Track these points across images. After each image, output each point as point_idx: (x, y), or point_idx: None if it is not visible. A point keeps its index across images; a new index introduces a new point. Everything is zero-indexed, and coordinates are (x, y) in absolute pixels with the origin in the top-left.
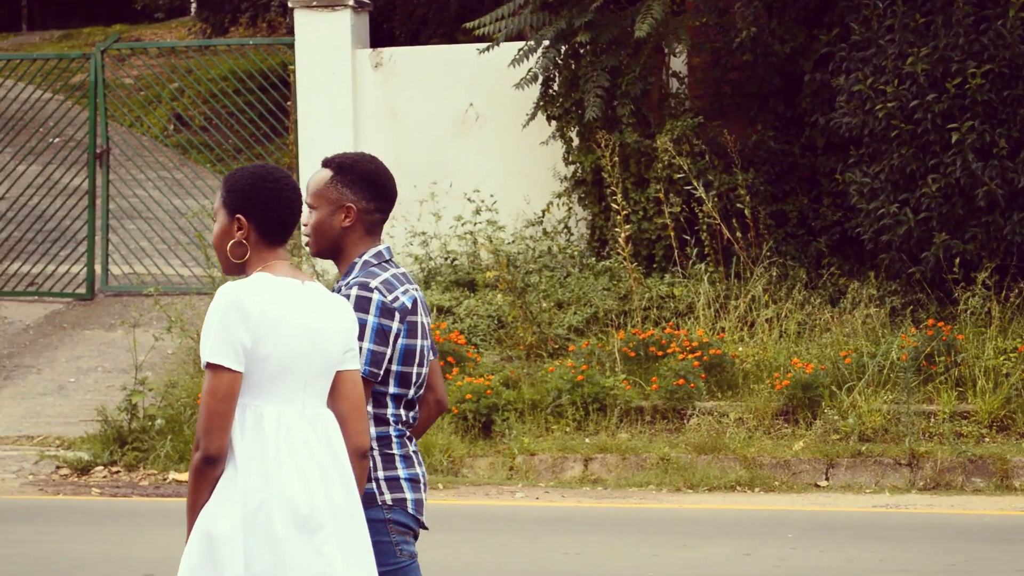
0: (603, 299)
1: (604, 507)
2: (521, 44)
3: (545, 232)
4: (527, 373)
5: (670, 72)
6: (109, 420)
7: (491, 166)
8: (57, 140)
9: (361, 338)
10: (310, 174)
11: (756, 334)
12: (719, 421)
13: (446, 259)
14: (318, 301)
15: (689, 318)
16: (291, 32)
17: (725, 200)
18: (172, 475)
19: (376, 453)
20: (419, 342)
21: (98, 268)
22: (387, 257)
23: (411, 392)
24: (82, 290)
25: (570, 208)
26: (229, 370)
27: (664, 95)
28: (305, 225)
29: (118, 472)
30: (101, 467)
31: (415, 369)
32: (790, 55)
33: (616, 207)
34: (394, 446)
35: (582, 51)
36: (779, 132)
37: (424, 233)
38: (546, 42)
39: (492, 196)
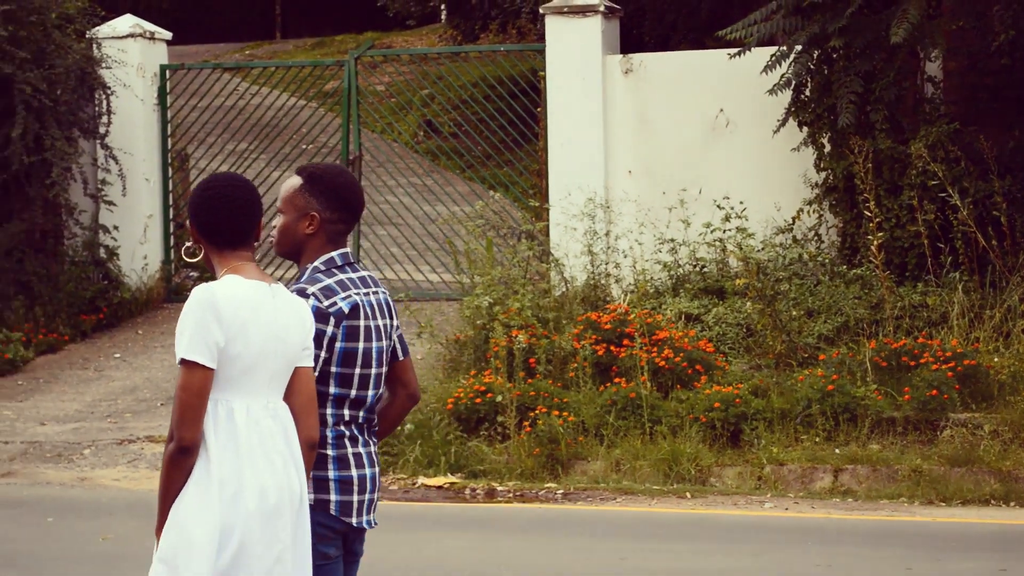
0: (854, 308)
1: (854, 519)
2: (772, 49)
3: (795, 239)
4: (776, 382)
5: (925, 77)
6: None
7: (741, 172)
8: (310, 147)
9: None
10: (558, 178)
11: (1012, 345)
12: (973, 433)
13: (695, 266)
14: (282, 302)
15: (942, 328)
16: (541, 38)
17: (981, 207)
18: (421, 480)
19: None
20: (362, 344)
21: None
22: (340, 263)
23: (354, 392)
24: None
25: (821, 215)
26: (202, 367)
27: (918, 100)
28: (273, 227)
29: None
30: None
31: (357, 371)
32: None
33: (868, 214)
34: (328, 447)
35: (835, 56)
36: None
37: (673, 240)
38: (798, 47)
39: (742, 203)
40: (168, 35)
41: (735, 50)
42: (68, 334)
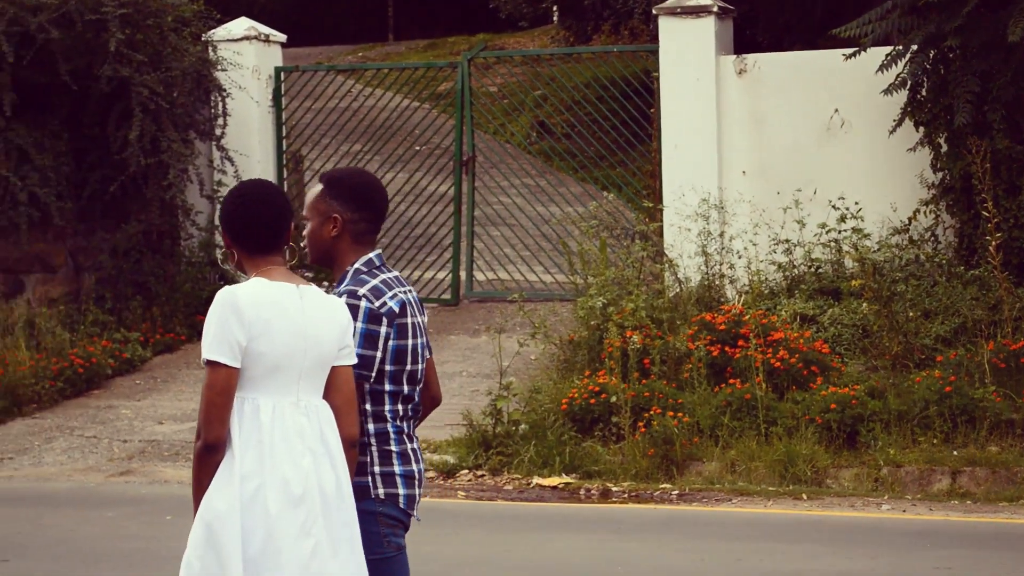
0: (972, 309)
1: (973, 521)
2: (888, 49)
3: (911, 240)
4: (893, 383)
5: None
6: (474, 424)
7: (856, 173)
8: (423, 148)
9: None
10: (672, 179)
11: None
12: None
13: (810, 267)
14: (312, 303)
15: None
16: (654, 39)
17: None
18: (536, 480)
19: (374, 448)
20: (410, 341)
21: (463, 274)
22: (378, 264)
23: (406, 388)
24: (447, 295)
25: (937, 216)
26: (226, 366)
27: None
28: (304, 235)
29: (483, 476)
30: (466, 470)
31: (408, 367)
32: None
33: (986, 214)
34: (392, 443)
35: (951, 55)
36: None
37: (788, 241)
38: (914, 47)
39: (857, 203)
40: (283, 37)
41: (850, 50)
42: (185, 334)
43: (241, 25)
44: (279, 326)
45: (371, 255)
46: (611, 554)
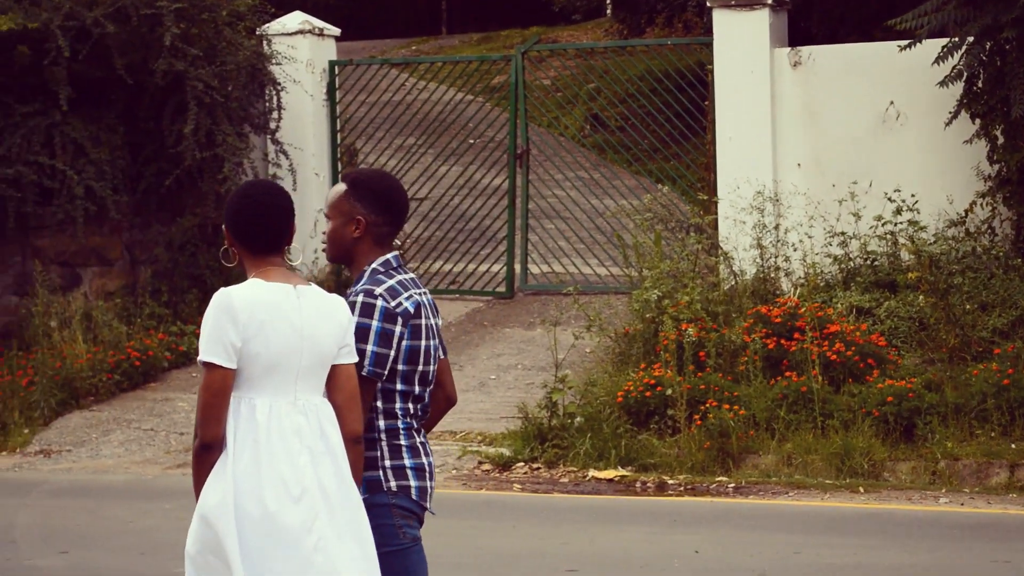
0: None
1: None
2: (944, 41)
3: (968, 232)
4: (950, 376)
5: None
6: (530, 417)
7: (911, 165)
8: (477, 141)
9: (366, 341)
10: (727, 172)
11: None
12: None
13: (865, 259)
14: (310, 303)
15: None
16: (708, 32)
17: None
18: (591, 472)
19: (384, 444)
20: (423, 343)
21: (517, 267)
22: (395, 265)
23: (417, 388)
24: (502, 288)
25: (994, 208)
26: (221, 367)
27: None
28: (324, 233)
29: (538, 469)
30: (522, 463)
31: (420, 367)
32: None
33: None
34: (401, 437)
35: (1008, 47)
36: None
37: (843, 233)
38: (970, 38)
39: (913, 196)
40: (337, 31)
41: (905, 42)
42: None
43: (295, 19)
44: (274, 327)
45: (389, 256)
46: (667, 547)
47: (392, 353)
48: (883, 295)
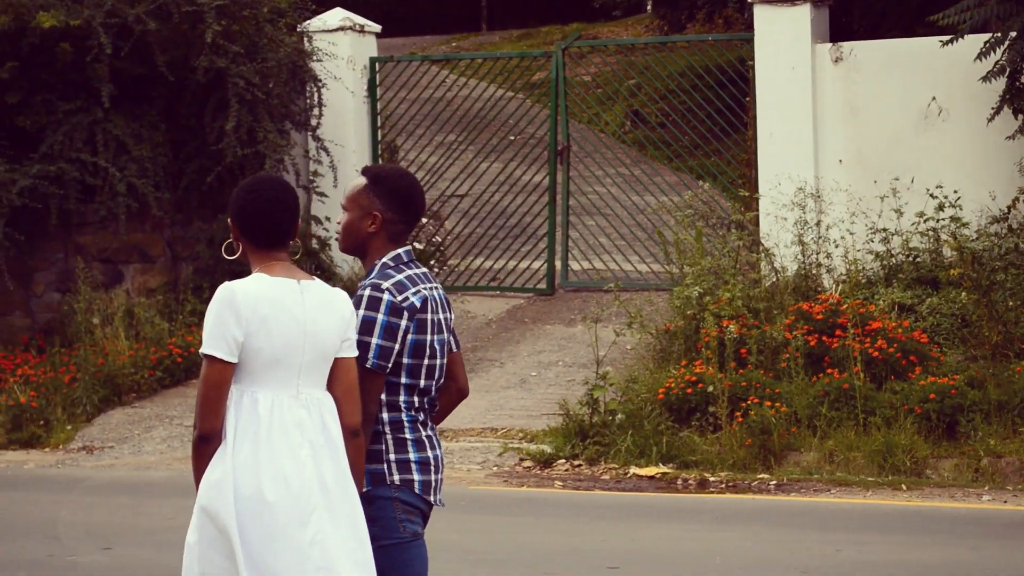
0: None
1: None
2: (986, 36)
3: (1011, 229)
4: (993, 373)
5: None
6: (571, 414)
7: (953, 161)
8: (517, 138)
9: (371, 334)
10: (768, 168)
11: None
12: None
13: (907, 256)
14: (314, 297)
15: None
16: (749, 27)
17: None
18: (633, 470)
19: (389, 437)
20: (429, 337)
21: (558, 264)
22: (406, 260)
23: (422, 382)
24: (543, 285)
25: None
26: (221, 361)
27: None
28: (339, 223)
29: (580, 466)
30: (563, 460)
31: (425, 361)
32: None
33: None
34: (406, 431)
35: None
36: None
37: (885, 230)
38: (1013, 33)
39: (956, 192)
40: (377, 28)
41: (947, 37)
42: None
43: (336, 16)
44: (277, 322)
45: (399, 251)
46: (709, 544)
47: (396, 346)
48: (925, 292)
